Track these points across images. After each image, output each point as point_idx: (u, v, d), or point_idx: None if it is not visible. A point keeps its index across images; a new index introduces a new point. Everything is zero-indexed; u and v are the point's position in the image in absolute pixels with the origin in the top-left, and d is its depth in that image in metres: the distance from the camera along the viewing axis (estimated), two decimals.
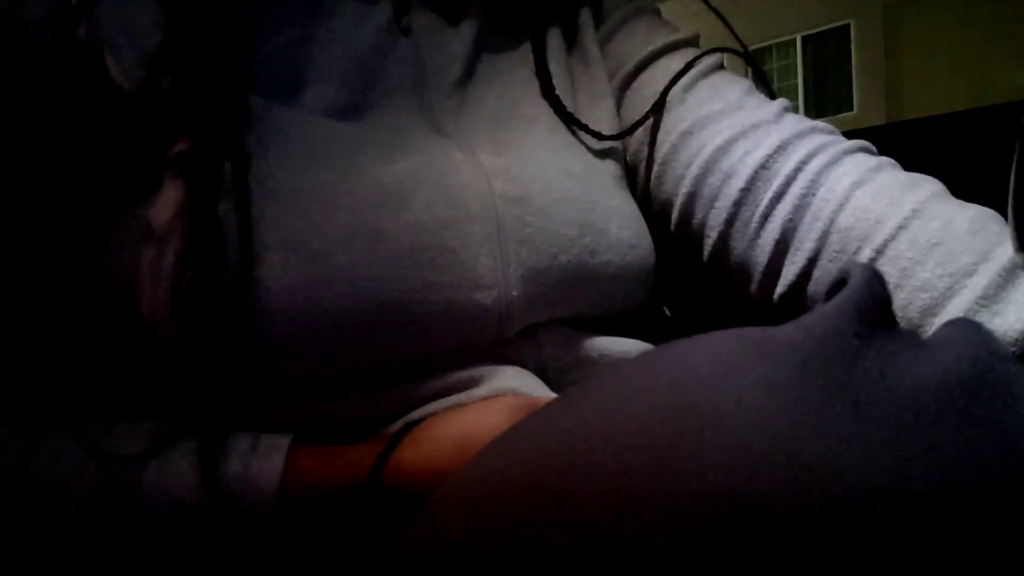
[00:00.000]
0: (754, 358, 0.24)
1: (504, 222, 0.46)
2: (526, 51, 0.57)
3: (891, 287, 0.40)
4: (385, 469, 0.40)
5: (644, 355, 0.28)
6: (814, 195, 0.47)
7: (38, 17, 0.42)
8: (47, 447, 0.40)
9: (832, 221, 0.46)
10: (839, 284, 0.26)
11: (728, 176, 0.50)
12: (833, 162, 0.48)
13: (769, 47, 9.00)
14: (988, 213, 0.44)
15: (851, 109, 8.69)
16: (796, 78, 9.03)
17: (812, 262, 0.47)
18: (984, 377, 0.24)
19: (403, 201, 0.43)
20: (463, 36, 0.54)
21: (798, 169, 0.48)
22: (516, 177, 0.48)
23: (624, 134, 0.55)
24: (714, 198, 0.50)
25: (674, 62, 0.56)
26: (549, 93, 0.55)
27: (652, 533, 0.22)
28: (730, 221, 0.50)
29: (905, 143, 1.10)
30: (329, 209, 0.42)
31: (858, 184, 0.47)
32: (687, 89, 0.54)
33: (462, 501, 0.27)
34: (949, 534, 0.22)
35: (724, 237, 0.50)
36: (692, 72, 0.54)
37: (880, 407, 0.23)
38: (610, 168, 0.55)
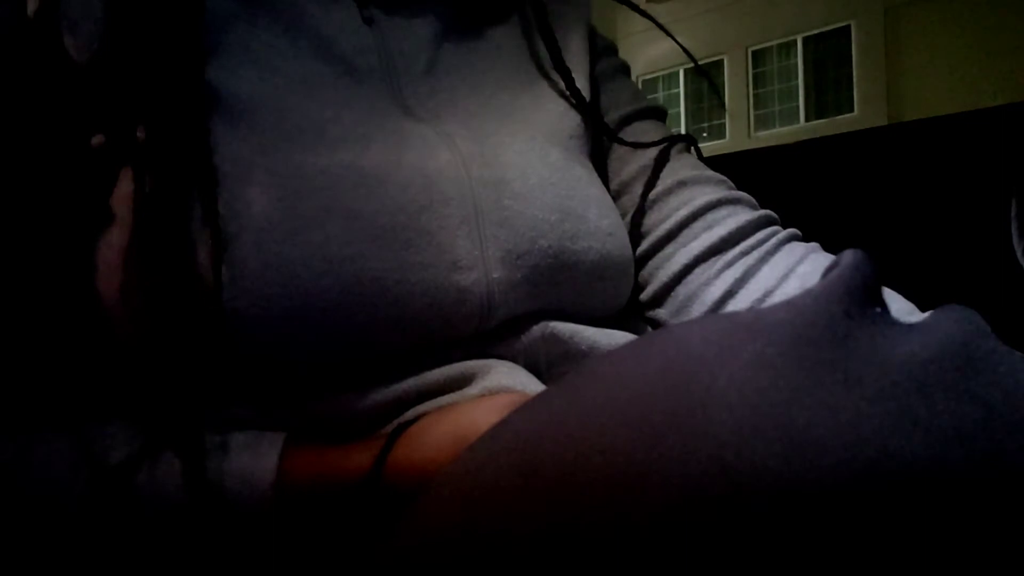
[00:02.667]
0: (746, 337, 0.25)
1: (481, 205, 0.46)
2: (495, 44, 0.57)
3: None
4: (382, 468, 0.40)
5: (637, 339, 0.29)
6: (765, 263, 0.56)
7: None
8: (39, 449, 0.40)
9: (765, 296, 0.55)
10: (831, 268, 0.27)
11: (710, 226, 0.56)
12: (777, 247, 0.57)
13: (770, 48, 9.00)
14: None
15: (851, 110, 8.69)
16: (797, 79, 9.03)
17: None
18: (972, 354, 0.25)
19: (379, 182, 0.43)
20: (429, 27, 0.54)
21: (760, 243, 0.57)
22: (493, 162, 0.48)
23: (647, 144, 0.59)
24: (691, 240, 0.57)
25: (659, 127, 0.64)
26: (571, 86, 0.57)
27: (647, 510, 0.23)
28: (698, 260, 0.56)
29: (906, 145, 1.10)
30: (303, 189, 0.41)
31: (791, 269, 0.55)
32: (681, 152, 0.61)
33: (459, 489, 0.27)
34: (937, 507, 0.22)
35: (684, 272, 0.57)
36: (681, 145, 0.62)
37: (870, 383, 0.23)
38: (585, 162, 0.56)
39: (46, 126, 0.42)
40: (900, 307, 0.53)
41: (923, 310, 0.54)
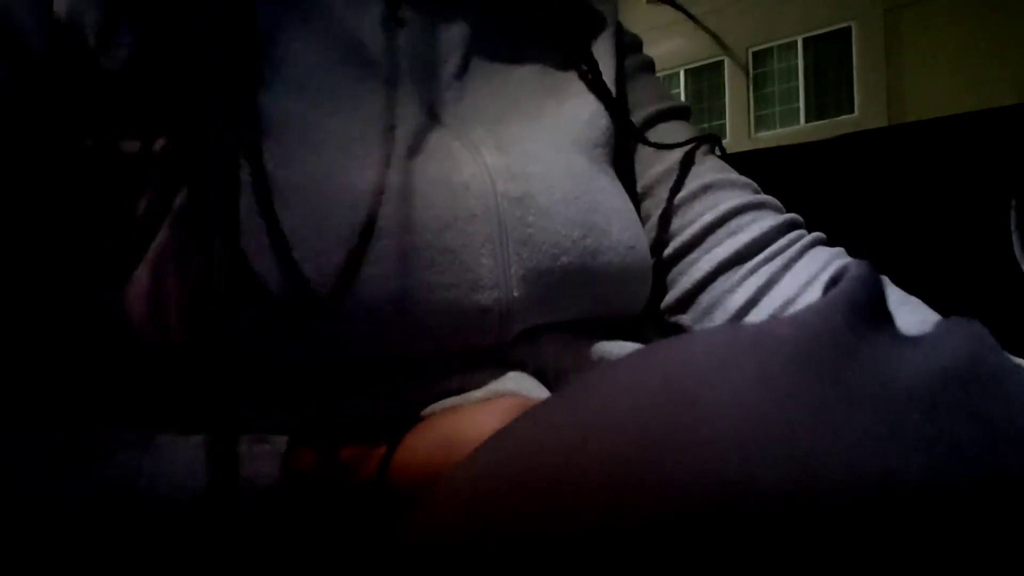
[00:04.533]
0: (749, 352, 0.24)
1: (506, 222, 0.45)
2: (524, 46, 0.57)
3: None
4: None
5: (639, 351, 0.28)
6: (788, 270, 0.56)
7: (20, 8, 0.42)
8: (41, 449, 0.40)
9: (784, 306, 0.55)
10: (835, 280, 0.27)
11: (735, 232, 0.56)
12: (801, 253, 0.57)
13: (770, 49, 9.01)
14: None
15: (852, 111, 8.70)
16: (797, 80, 9.05)
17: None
18: (977, 371, 0.24)
19: (403, 199, 0.43)
20: (459, 29, 0.54)
21: (784, 249, 0.57)
22: (518, 176, 0.47)
23: (673, 146, 0.59)
24: (715, 246, 0.57)
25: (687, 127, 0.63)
26: (604, 94, 0.57)
27: (647, 524, 0.22)
28: (722, 267, 0.56)
29: (906, 146, 1.10)
30: (327, 205, 0.41)
31: (813, 277, 0.56)
32: (706, 154, 0.60)
33: (461, 495, 0.27)
34: (940, 526, 0.22)
35: (708, 279, 0.57)
36: (706, 146, 0.61)
37: (873, 400, 0.23)
38: (609, 170, 0.55)
39: (73, 131, 0.42)
40: (926, 318, 0.53)
41: None
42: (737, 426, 0.23)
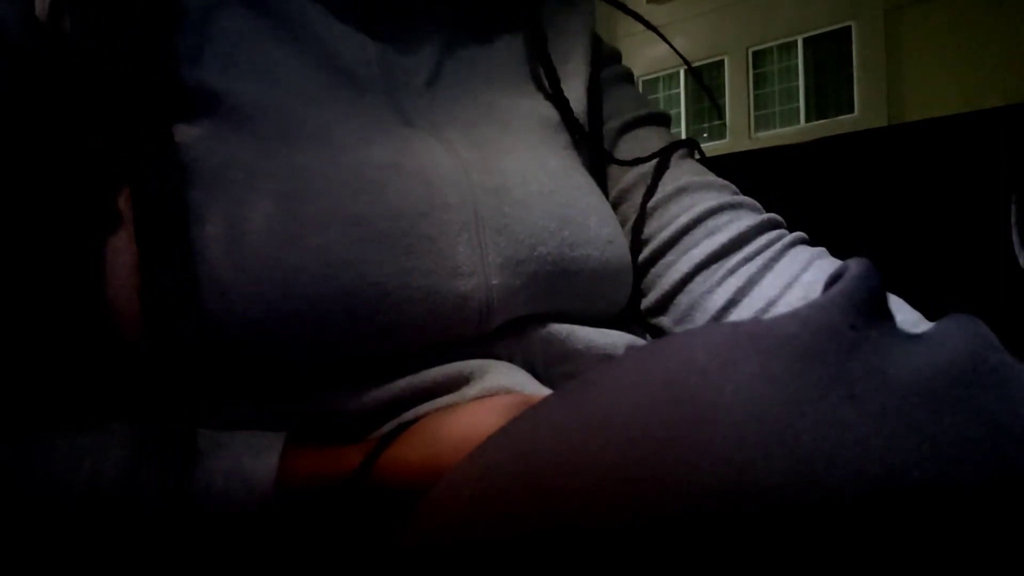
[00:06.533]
0: (750, 350, 0.24)
1: (482, 211, 0.46)
2: (497, 56, 0.58)
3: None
4: (383, 469, 0.40)
5: (640, 349, 0.28)
6: (769, 270, 0.56)
7: None
8: (39, 450, 0.40)
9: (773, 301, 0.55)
10: (835, 278, 0.26)
11: (712, 233, 0.56)
12: (781, 253, 0.57)
13: (770, 49, 9.01)
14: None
15: (852, 111, 8.71)
16: (797, 80, 9.05)
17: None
18: (979, 369, 0.24)
19: (380, 188, 0.44)
20: (431, 40, 0.55)
21: (763, 248, 0.57)
22: (493, 169, 0.48)
23: (638, 161, 0.59)
24: (692, 247, 0.57)
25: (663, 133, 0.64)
26: (564, 109, 0.57)
27: (650, 525, 0.22)
28: (700, 267, 0.56)
29: (906, 145, 1.10)
30: (305, 193, 0.42)
31: (795, 278, 0.55)
32: (683, 157, 0.61)
33: (462, 495, 0.27)
34: (943, 524, 0.22)
35: (686, 280, 0.57)
36: (683, 150, 0.62)
37: (875, 398, 0.23)
38: (584, 170, 0.56)
39: (53, 127, 0.42)
40: (906, 318, 0.53)
41: (922, 311, 0.54)
42: (740, 425, 0.23)
